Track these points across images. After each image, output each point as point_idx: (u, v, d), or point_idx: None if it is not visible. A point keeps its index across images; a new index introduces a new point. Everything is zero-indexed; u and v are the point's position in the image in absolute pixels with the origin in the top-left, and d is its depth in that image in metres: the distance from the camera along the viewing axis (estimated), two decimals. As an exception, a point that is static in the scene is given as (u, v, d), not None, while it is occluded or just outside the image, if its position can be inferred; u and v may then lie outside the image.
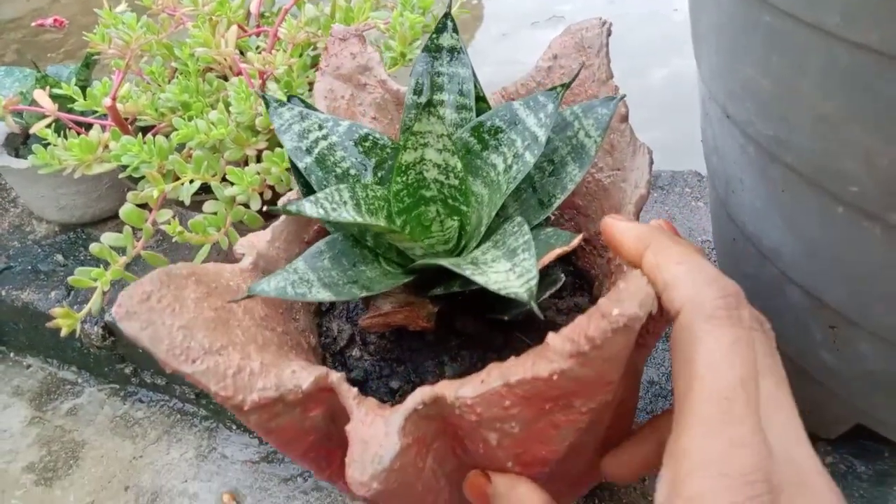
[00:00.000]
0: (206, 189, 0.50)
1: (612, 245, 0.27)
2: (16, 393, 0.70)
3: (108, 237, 0.46)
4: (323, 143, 0.37)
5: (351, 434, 0.28)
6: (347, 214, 0.31)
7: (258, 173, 0.46)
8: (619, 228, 0.26)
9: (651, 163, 0.34)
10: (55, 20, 0.71)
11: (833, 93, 0.25)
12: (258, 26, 0.60)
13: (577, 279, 0.42)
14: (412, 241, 0.33)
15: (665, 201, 0.61)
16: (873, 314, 0.32)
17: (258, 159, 0.48)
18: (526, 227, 0.30)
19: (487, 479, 0.30)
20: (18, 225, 0.74)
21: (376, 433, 0.28)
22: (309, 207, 0.30)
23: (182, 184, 0.47)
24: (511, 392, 0.26)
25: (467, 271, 0.29)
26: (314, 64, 0.56)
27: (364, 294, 0.33)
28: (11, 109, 0.52)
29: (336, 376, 0.30)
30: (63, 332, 0.44)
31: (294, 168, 0.36)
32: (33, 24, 0.72)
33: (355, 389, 0.30)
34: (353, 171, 0.37)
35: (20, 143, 0.71)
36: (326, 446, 0.34)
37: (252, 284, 0.31)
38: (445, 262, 0.30)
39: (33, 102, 0.53)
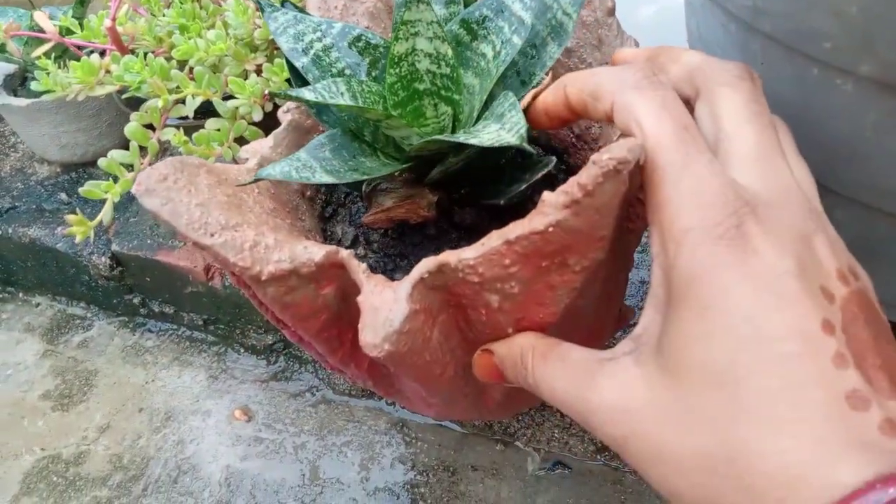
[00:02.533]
0: (207, 113, 0.51)
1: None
2: (27, 329, 0.72)
3: (116, 153, 0.48)
4: (318, 45, 0.38)
5: (362, 303, 0.30)
6: (344, 101, 0.33)
7: (259, 84, 0.48)
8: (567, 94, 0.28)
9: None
10: None
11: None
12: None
13: (569, 175, 0.44)
14: (408, 127, 0.35)
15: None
16: (849, 179, 0.34)
17: (258, 74, 0.49)
18: (511, 94, 0.31)
19: (490, 353, 0.32)
20: (20, 168, 0.75)
21: (386, 299, 0.30)
22: (308, 94, 0.32)
23: (184, 99, 0.48)
24: (510, 249, 0.27)
25: (461, 138, 0.30)
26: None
27: (365, 178, 0.34)
28: (12, 35, 0.53)
29: (346, 252, 0.32)
30: (77, 240, 0.45)
31: (292, 70, 0.38)
32: None
33: (364, 265, 0.32)
34: (348, 72, 0.39)
35: (18, 84, 0.72)
36: (338, 326, 0.36)
37: (259, 170, 0.32)
38: (440, 137, 0.32)
39: (34, 30, 0.54)
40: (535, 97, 0.30)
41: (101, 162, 0.47)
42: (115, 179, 0.47)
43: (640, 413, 0.22)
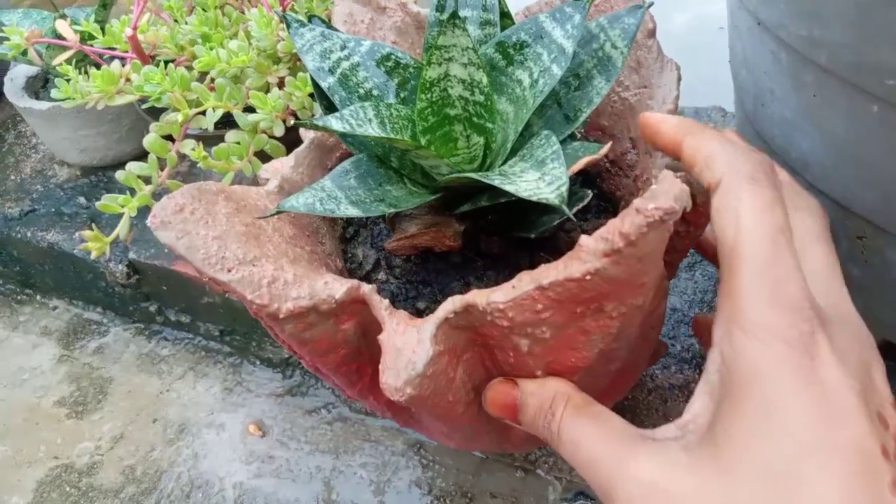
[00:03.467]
0: (227, 123, 0.50)
1: (649, 135, 0.27)
2: (44, 333, 0.71)
3: (134, 166, 0.47)
4: (345, 64, 0.37)
5: (384, 343, 0.29)
6: (373, 130, 0.31)
7: (281, 98, 0.47)
8: (658, 118, 0.27)
9: (679, 79, 0.34)
10: None
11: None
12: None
13: (601, 201, 0.42)
14: (438, 157, 0.33)
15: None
16: (904, 220, 0.31)
17: (280, 87, 0.48)
18: (554, 138, 0.30)
19: (514, 384, 0.30)
20: (40, 170, 0.75)
21: (409, 340, 0.28)
22: (335, 123, 0.30)
23: (204, 111, 0.47)
24: (543, 295, 0.26)
25: (496, 181, 0.28)
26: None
27: (391, 211, 0.33)
28: (34, 42, 0.52)
29: (368, 288, 0.30)
30: (93, 255, 0.44)
31: (317, 88, 0.36)
32: None
33: (387, 301, 0.30)
34: (375, 92, 0.37)
35: (40, 86, 0.72)
36: (357, 361, 0.34)
37: (281, 201, 0.31)
38: (473, 175, 0.30)
39: (56, 35, 0.53)
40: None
41: (119, 175, 0.46)
42: (133, 193, 0.46)
43: (684, 497, 0.21)
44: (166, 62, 0.55)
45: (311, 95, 0.47)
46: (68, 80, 0.52)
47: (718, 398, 0.22)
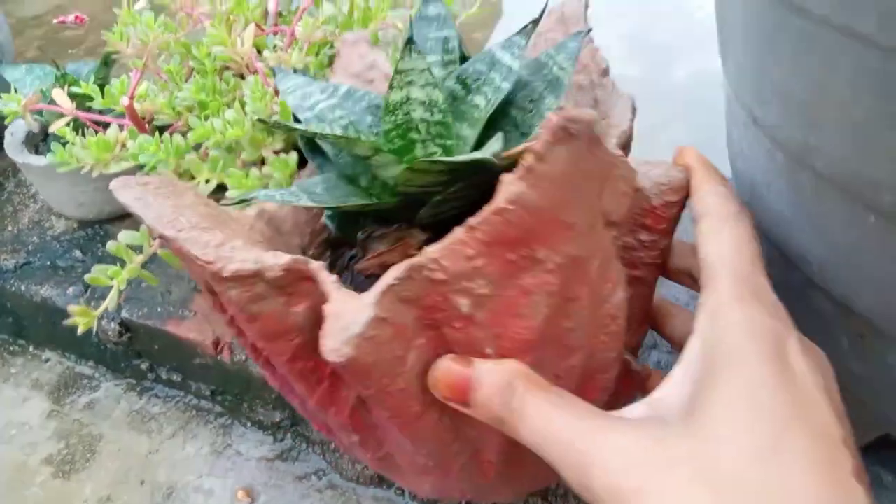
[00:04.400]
0: (224, 187, 0.50)
1: (677, 158, 0.34)
2: (35, 386, 0.71)
3: (125, 235, 0.46)
4: (323, 104, 0.39)
5: (327, 312, 0.28)
6: (336, 130, 0.34)
7: (261, 177, 0.46)
8: (688, 150, 0.33)
9: (633, 109, 0.35)
10: (76, 17, 0.71)
11: (866, 98, 0.25)
12: (275, 25, 0.60)
13: None
14: (398, 163, 0.33)
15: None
16: (904, 325, 0.31)
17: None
18: (501, 136, 0.32)
19: (468, 363, 0.28)
20: (38, 220, 0.75)
21: (351, 307, 0.27)
22: (300, 125, 0.33)
23: (198, 183, 0.46)
24: (472, 238, 0.26)
25: (439, 159, 0.31)
26: (331, 62, 0.55)
27: (346, 204, 0.34)
28: (31, 109, 0.52)
29: (316, 264, 0.29)
30: (80, 330, 0.44)
31: (296, 121, 0.39)
32: (55, 21, 0.72)
33: (335, 277, 0.29)
34: (351, 128, 0.39)
35: (40, 140, 0.72)
36: (314, 358, 0.31)
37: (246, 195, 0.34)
38: (422, 159, 0.31)
39: (52, 101, 0.54)
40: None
41: (110, 246, 0.45)
42: (123, 264, 0.46)
43: (664, 470, 0.22)
44: (162, 128, 0.55)
45: (291, 175, 0.46)
46: (64, 144, 0.52)
47: (698, 378, 0.24)
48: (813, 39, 0.25)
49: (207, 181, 0.46)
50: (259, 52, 0.60)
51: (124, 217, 0.72)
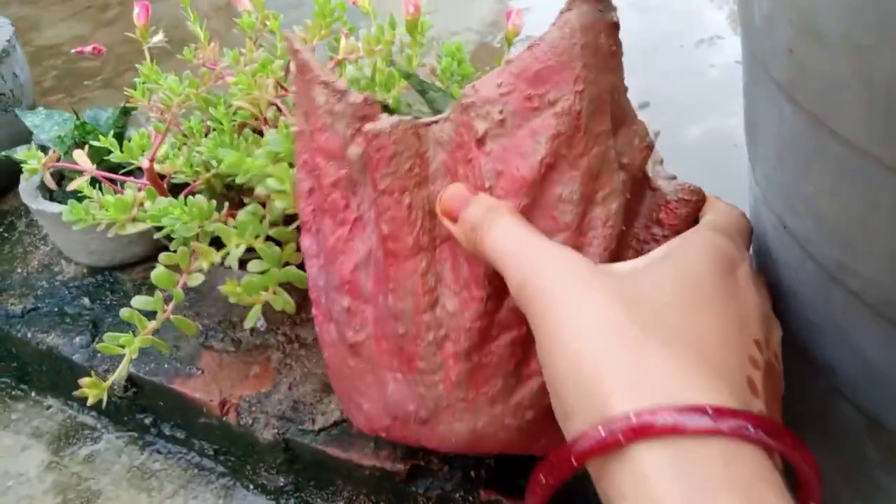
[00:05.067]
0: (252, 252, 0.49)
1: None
2: (35, 434, 0.69)
3: (138, 301, 0.46)
4: None
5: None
6: None
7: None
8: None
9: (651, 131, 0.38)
10: (94, 48, 0.72)
11: (908, 232, 0.24)
12: (297, 84, 0.60)
13: None
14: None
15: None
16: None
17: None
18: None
19: (474, 191, 0.33)
20: (48, 264, 0.75)
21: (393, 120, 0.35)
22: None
23: (228, 252, 0.46)
24: (506, 69, 0.32)
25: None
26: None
27: None
28: (50, 166, 0.52)
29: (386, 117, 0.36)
30: (90, 402, 0.43)
31: None
32: (73, 51, 0.72)
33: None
34: None
35: (55, 183, 0.72)
36: (349, 196, 0.37)
37: None
38: None
39: (71, 158, 0.53)
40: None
41: (123, 313, 0.45)
42: (135, 332, 0.45)
43: (589, 287, 0.26)
44: (179, 185, 0.55)
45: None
46: (81, 199, 0.51)
47: (647, 264, 0.29)
48: (853, 169, 0.25)
49: (237, 246, 0.46)
50: (279, 109, 0.60)
51: (135, 264, 0.72)
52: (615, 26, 0.32)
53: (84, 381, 0.43)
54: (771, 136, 0.30)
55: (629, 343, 0.24)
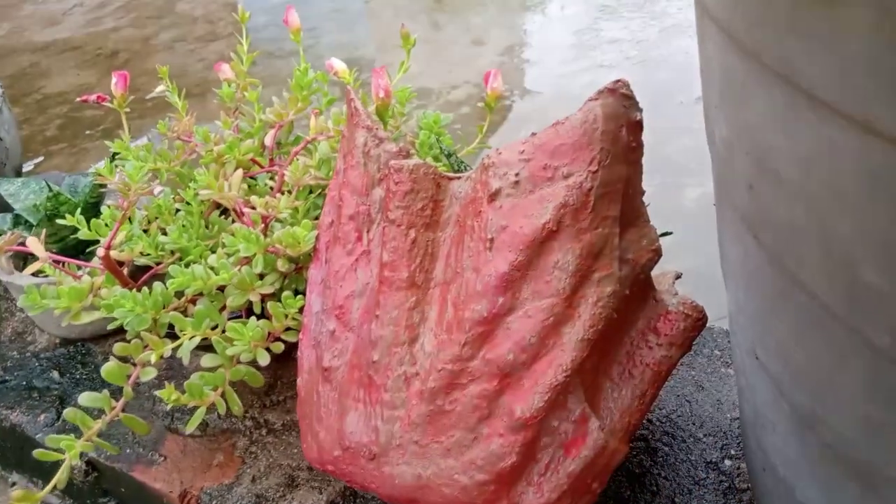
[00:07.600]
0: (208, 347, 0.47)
1: None
2: (-3, 514, 0.67)
3: (86, 398, 0.43)
4: None
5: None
6: None
7: (259, 326, 0.43)
8: None
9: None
10: (98, 97, 0.71)
11: (879, 399, 0.21)
12: (271, 160, 0.59)
13: None
14: None
15: (692, 364, 0.56)
16: None
17: (262, 306, 0.44)
18: None
19: None
20: (21, 332, 0.73)
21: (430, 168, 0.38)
22: None
23: (181, 343, 0.44)
24: (530, 141, 0.34)
25: None
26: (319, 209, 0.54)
27: None
28: (7, 250, 0.51)
29: (414, 162, 0.38)
30: (25, 511, 0.41)
31: None
32: (78, 99, 0.72)
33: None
34: None
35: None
36: (362, 229, 0.39)
37: None
38: None
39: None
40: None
41: (67, 413, 0.42)
42: (79, 434, 0.43)
43: None
44: (144, 268, 0.53)
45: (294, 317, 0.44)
46: (38, 286, 0.50)
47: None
48: (817, 322, 0.22)
49: (191, 338, 0.44)
50: (250, 188, 0.58)
51: (108, 336, 0.70)
52: (638, 125, 0.32)
53: (15, 494, 0.40)
54: (739, 263, 0.28)
55: None
